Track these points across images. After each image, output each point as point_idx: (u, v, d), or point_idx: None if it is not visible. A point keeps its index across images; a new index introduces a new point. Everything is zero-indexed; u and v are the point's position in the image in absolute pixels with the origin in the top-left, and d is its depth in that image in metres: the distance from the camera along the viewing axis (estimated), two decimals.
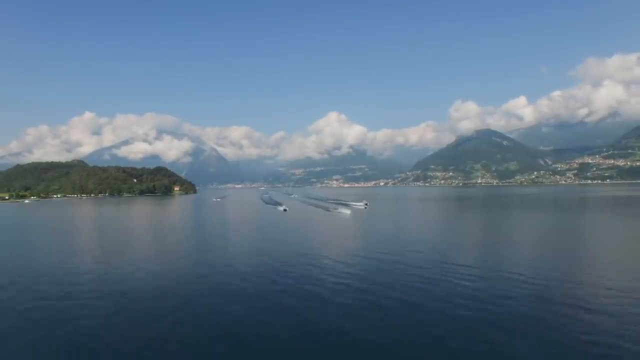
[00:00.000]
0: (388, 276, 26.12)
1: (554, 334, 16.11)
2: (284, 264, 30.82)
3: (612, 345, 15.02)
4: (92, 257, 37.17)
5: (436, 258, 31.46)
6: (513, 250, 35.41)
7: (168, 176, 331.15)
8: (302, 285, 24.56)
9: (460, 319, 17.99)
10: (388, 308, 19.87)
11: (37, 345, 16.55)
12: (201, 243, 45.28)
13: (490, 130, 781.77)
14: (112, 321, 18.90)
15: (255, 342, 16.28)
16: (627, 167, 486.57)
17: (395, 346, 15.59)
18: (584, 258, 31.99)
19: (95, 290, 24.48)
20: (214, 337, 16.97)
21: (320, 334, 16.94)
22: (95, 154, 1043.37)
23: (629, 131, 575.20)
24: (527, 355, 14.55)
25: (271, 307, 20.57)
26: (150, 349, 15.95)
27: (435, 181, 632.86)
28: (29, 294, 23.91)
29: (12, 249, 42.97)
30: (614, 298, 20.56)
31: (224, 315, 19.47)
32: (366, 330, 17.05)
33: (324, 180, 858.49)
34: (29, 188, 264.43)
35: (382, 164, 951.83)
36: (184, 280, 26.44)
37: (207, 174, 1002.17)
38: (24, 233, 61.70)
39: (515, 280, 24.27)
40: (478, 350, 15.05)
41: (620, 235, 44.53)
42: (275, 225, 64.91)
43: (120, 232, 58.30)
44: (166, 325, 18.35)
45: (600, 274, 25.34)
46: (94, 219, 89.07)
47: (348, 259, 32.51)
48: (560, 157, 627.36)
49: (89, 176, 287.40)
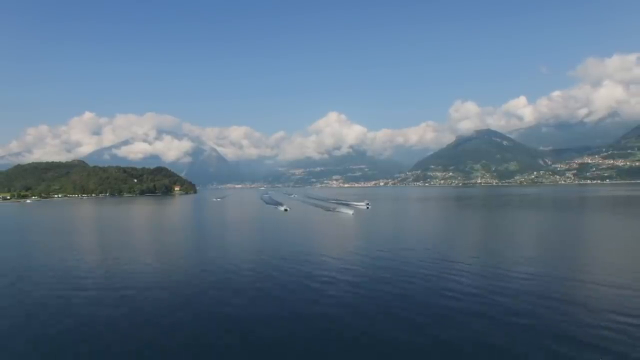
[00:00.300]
0: (395, 275, 26.10)
1: (553, 332, 16.18)
2: (286, 264, 30.81)
3: (612, 343, 15.10)
4: (95, 256, 37.23)
5: (442, 257, 31.49)
6: (513, 249, 35.36)
7: (168, 176, 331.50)
8: (304, 284, 24.60)
9: (469, 318, 18.09)
10: (396, 307, 19.88)
11: (39, 343, 16.61)
12: (202, 243, 45.27)
13: (490, 131, 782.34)
14: (113, 320, 18.95)
15: (257, 341, 16.29)
16: (627, 167, 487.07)
17: (411, 346, 15.66)
18: (582, 257, 31.99)
19: (98, 288, 24.54)
20: (216, 335, 16.97)
21: (328, 338, 16.95)
22: (95, 154, 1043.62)
23: (628, 131, 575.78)
24: (526, 353, 14.61)
25: (274, 306, 20.59)
26: (151, 347, 15.98)
27: (435, 181, 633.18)
28: (32, 292, 23.95)
29: (15, 248, 43.01)
30: (614, 296, 20.61)
31: (225, 314, 19.49)
32: (380, 330, 17.10)
33: (323, 180, 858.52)
34: (29, 188, 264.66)
35: (382, 164, 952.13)
36: (185, 279, 26.51)
37: (207, 174, 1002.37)
38: (27, 233, 61.84)
39: (515, 277, 24.37)
40: (480, 349, 15.13)
41: (620, 235, 44.58)
42: (276, 225, 64.60)
43: (122, 232, 58.36)
44: (167, 323, 18.41)
45: (599, 273, 25.33)
46: (96, 219, 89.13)
47: (353, 259, 32.44)
48: (559, 157, 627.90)
49: (89, 176, 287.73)
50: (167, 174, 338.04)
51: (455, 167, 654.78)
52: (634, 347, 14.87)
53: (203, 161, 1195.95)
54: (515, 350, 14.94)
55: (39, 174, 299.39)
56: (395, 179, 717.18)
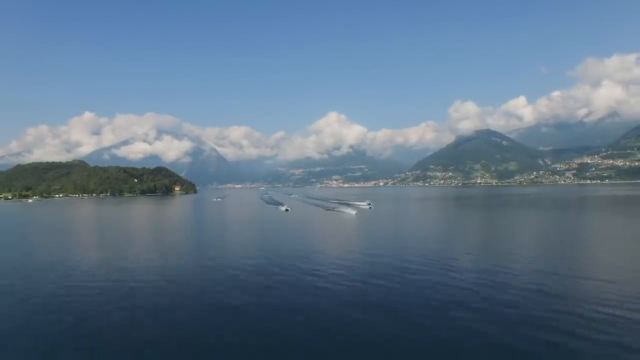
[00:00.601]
0: (402, 274, 26.11)
1: (552, 329, 16.25)
2: (288, 263, 30.76)
3: (613, 342, 15.16)
4: (97, 255, 37.31)
5: (447, 256, 31.57)
6: (513, 246, 35.39)
7: (168, 176, 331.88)
8: (307, 283, 24.61)
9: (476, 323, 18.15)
10: (411, 309, 19.86)
11: (40, 341, 16.61)
12: (203, 242, 45.22)
13: (489, 131, 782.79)
14: (115, 318, 19.03)
15: (261, 340, 16.30)
16: (626, 167, 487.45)
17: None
18: (582, 255, 32.04)
19: (100, 287, 24.57)
20: (216, 334, 16.96)
21: (337, 338, 16.92)
22: (95, 154, 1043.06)
23: (628, 131, 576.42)
24: (526, 349, 14.67)
25: (277, 305, 20.58)
26: (152, 346, 16.04)
27: (434, 181, 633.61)
28: (36, 291, 24.04)
29: (18, 248, 43.08)
30: (614, 291, 20.66)
31: (227, 313, 19.52)
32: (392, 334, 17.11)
33: (323, 180, 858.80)
34: (30, 188, 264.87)
35: (382, 164, 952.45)
36: (186, 279, 26.58)
37: (207, 174, 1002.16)
38: (29, 232, 62.06)
39: (514, 274, 24.55)
40: (480, 348, 15.21)
41: (619, 234, 44.60)
42: (277, 225, 64.05)
43: (124, 231, 58.62)
44: (168, 321, 18.47)
45: (600, 270, 25.43)
46: (98, 219, 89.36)
47: (357, 259, 32.34)
48: (559, 157, 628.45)
49: (90, 176, 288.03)
50: (167, 174, 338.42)
51: (455, 167, 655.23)
52: (632, 339, 14.94)
53: (203, 161, 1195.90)
54: (516, 350, 14.98)
55: (40, 174, 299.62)
56: (395, 179, 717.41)
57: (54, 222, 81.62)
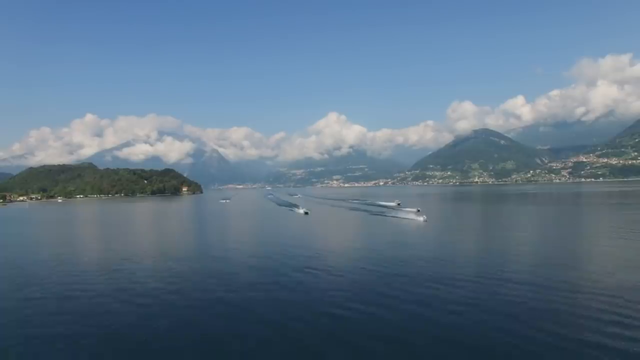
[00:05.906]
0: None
1: (551, 327, 16.11)
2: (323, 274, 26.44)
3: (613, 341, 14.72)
4: (159, 243, 46.05)
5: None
6: (518, 244, 36.75)
7: (176, 177, 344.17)
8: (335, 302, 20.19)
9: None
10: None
11: (42, 341, 16.44)
12: (223, 247, 41.13)
13: (487, 130, 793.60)
14: (121, 314, 19.45)
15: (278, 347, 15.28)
16: (620, 165, 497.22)
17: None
18: (576, 249, 33.64)
19: (113, 283, 25.68)
20: (228, 339, 16.21)
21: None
22: (97, 156, 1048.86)
23: (623, 130, 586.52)
24: (524, 348, 14.49)
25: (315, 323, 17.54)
26: (157, 342, 16.10)
27: (433, 180, 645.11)
28: (63, 282, 26.39)
29: (105, 239, 52.92)
30: (613, 285, 21.47)
31: (243, 318, 18.56)
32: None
33: (324, 180, 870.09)
34: (45, 189, 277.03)
35: (382, 164, 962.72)
36: (206, 279, 26.01)
37: (209, 175, 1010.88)
38: (104, 226, 73.68)
39: (514, 272, 25.14)
40: (482, 348, 14.71)
41: (606, 225, 49.49)
42: (300, 232, 52.61)
43: (151, 228, 67.30)
44: (175, 320, 18.45)
45: (596, 266, 26.07)
46: (127, 214, 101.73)
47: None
48: (556, 156, 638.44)
49: (102, 178, 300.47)
50: (175, 175, 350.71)
51: (454, 166, 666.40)
52: (631, 338, 14.89)
53: (204, 162, 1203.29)
54: (515, 346, 14.77)
55: (53, 177, 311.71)
56: (395, 179, 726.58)
57: (99, 217, 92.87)
